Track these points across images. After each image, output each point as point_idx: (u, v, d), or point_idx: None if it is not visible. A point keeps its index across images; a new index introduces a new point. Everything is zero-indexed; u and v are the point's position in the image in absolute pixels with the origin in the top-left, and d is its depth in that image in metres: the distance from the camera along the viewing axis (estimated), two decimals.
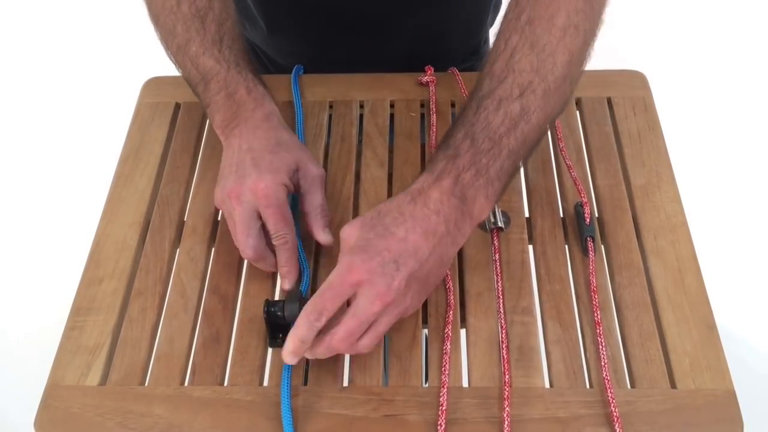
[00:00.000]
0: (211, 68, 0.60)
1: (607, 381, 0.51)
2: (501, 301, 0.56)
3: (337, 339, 0.46)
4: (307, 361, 0.53)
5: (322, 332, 0.47)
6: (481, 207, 0.49)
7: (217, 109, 0.60)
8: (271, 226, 0.55)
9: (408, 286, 0.47)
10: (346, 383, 0.52)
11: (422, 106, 0.72)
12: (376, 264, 0.46)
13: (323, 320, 0.46)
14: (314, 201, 0.58)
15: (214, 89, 0.60)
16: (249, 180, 0.55)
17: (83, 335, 0.56)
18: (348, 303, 0.48)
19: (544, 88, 0.50)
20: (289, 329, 0.53)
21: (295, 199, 0.61)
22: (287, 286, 0.56)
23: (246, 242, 0.55)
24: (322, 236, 0.57)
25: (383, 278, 0.46)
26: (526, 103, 0.50)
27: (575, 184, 0.63)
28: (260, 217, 0.55)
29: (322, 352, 0.48)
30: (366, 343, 0.47)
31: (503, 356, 0.53)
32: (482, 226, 0.61)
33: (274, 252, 0.57)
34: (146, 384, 0.53)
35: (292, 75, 0.73)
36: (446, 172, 0.49)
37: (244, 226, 0.55)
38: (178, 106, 0.73)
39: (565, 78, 0.51)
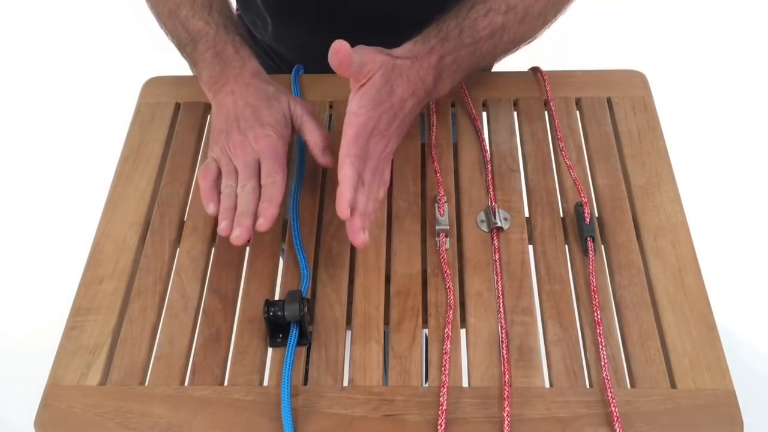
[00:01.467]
0: (200, 29, 0.65)
1: (607, 381, 0.51)
2: (501, 301, 0.56)
3: (368, 179, 0.54)
4: (307, 360, 0.53)
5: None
6: (445, 88, 0.61)
7: (204, 66, 0.64)
8: (266, 168, 0.59)
9: (397, 130, 0.57)
10: (346, 383, 0.52)
11: None
12: (383, 115, 0.55)
13: (362, 162, 0.54)
14: (310, 129, 0.63)
15: (202, 48, 0.65)
16: (252, 132, 0.60)
17: (83, 335, 0.56)
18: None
19: (523, 15, 0.61)
20: (289, 329, 0.53)
21: (296, 198, 0.62)
22: (262, 226, 0.56)
23: (247, 183, 0.58)
24: (322, 158, 0.62)
25: (386, 125, 0.56)
26: (506, 21, 0.60)
27: (575, 184, 0.63)
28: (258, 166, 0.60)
29: (363, 199, 0.53)
30: (374, 183, 0.55)
31: (503, 356, 0.53)
32: (482, 226, 0.61)
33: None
34: (146, 384, 0.53)
35: (292, 75, 0.73)
36: (436, 50, 0.58)
37: (248, 167, 0.59)
38: (178, 106, 0.73)
39: (539, 15, 0.62)
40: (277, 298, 0.58)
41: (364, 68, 0.55)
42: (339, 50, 0.51)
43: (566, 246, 0.60)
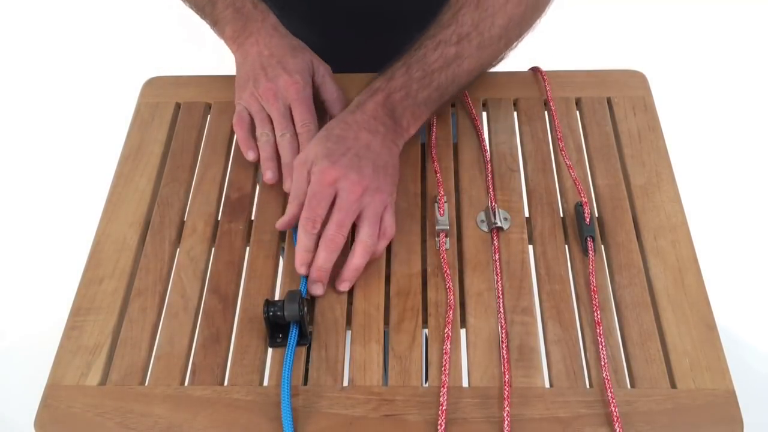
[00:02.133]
0: None
1: (607, 381, 0.51)
2: (501, 301, 0.56)
3: (330, 232, 0.55)
4: (307, 360, 0.53)
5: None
6: (408, 122, 0.60)
7: (227, 23, 0.67)
8: (298, 116, 0.63)
9: (375, 172, 0.57)
10: (346, 383, 0.52)
11: None
12: (344, 161, 0.56)
13: (318, 226, 0.55)
14: (330, 90, 0.67)
15: (221, 7, 0.67)
16: (281, 79, 0.63)
17: (83, 335, 0.56)
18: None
19: (479, 41, 0.60)
20: (289, 329, 0.53)
21: None
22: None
23: (285, 131, 0.63)
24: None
25: (353, 169, 0.55)
26: (461, 50, 0.60)
27: (575, 184, 0.63)
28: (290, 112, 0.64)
29: (324, 256, 0.55)
30: (367, 232, 0.56)
31: (503, 356, 0.53)
32: (482, 226, 0.61)
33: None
34: (146, 384, 0.53)
35: None
36: (380, 89, 0.59)
37: (282, 116, 0.63)
38: (178, 106, 0.73)
39: (500, 38, 0.61)
40: (277, 298, 0.58)
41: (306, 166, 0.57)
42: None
43: (566, 246, 0.60)
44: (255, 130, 0.65)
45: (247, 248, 0.61)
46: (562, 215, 0.62)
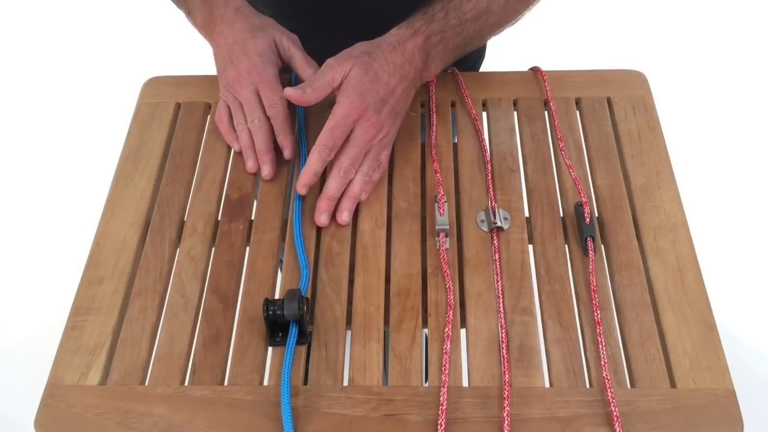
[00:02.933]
0: None
1: (607, 381, 0.51)
2: (501, 301, 0.56)
3: (345, 164, 0.59)
4: (307, 360, 0.53)
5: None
6: (436, 68, 0.64)
7: (197, 13, 0.69)
8: (264, 98, 0.64)
9: (390, 118, 0.61)
10: (346, 383, 0.52)
11: (422, 106, 0.72)
12: (371, 101, 0.58)
13: (333, 154, 0.59)
14: (298, 60, 0.67)
15: None
16: (243, 65, 0.64)
17: (83, 335, 0.56)
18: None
19: (505, 1, 0.65)
20: (289, 328, 0.53)
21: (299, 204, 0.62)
22: (288, 155, 0.65)
23: (254, 115, 0.64)
24: (309, 71, 0.66)
25: (376, 112, 0.59)
26: (491, 5, 0.64)
27: (575, 184, 0.63)
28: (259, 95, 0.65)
29: (335, 186, 0.60)
30: (368, 165, 0.61)
31: (503, 356, 0.53)
32: (482, 226, 0.61)
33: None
34: (146, 384, 0.53)
35: (293, 74, 0.73)
36: (420, 31, 0.61)
37: (250, 102, 0.65)
38: (178, 106, 0.73)
39: (521, 0, 0.66)
40: (277, 297, 0.58)
41: (333, 82, 0.59)
42: (291, 96, 0.60)
43: (566, 246, 0.60)
44: None
45: (247, 248, 0.61)
46: (562, 215, 0.62)
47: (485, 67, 0.92)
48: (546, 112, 0.71)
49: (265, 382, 0.53)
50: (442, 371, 0.52)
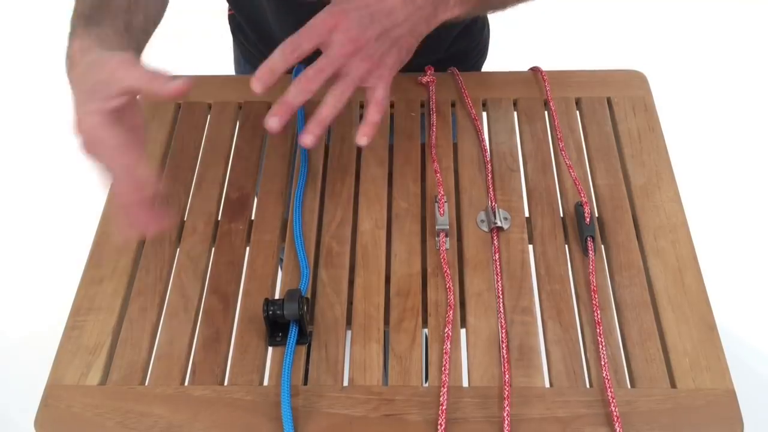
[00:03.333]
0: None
1: (607, 381, 0.51)
2: (501, 300, 0.56)
3: (308, 75, 0.49)
4: (307, 360, 0.54)
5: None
6: (454, 3, 0.54)
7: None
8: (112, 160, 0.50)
9: (379, 41, 0.51)
10: (346, 383, 0.52)
11: (422, 106, 0.72)
12: (354, 13, 0.50)
13: (296, 54, 0.49)
14: (139, 77, 0.49)
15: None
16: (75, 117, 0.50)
17: (83, 335, 0.56)
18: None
19: None
20: (289, 328, 0.53)
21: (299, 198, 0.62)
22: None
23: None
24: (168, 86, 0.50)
25: (358, 26, 0.50)
26: None
27: (575, 184, 0.63)
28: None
29: (293, 92, 0.50)
30: (340, 89, 0.51)
31: (503, 356, 0.53)
32: (482, 226, 0.61)
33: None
34: (146, 384, 0.53)
35: (293, 75, 0.73)
36: None
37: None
38: (178, 106, 0.73)
39: None
40: (276, 297, 0.58)
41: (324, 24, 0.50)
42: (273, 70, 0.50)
43: (566, 246, 0.60)
44: None
45: (247, 248, 0.61)
46: (562, 215, 0.62)
47: (486, 67, 0.92)
48: (546, 112, 0.71)
49: (265, 382, 0.53)
50: (442, 371, 0.52)
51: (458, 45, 0.84)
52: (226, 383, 0.53)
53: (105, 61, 0.50)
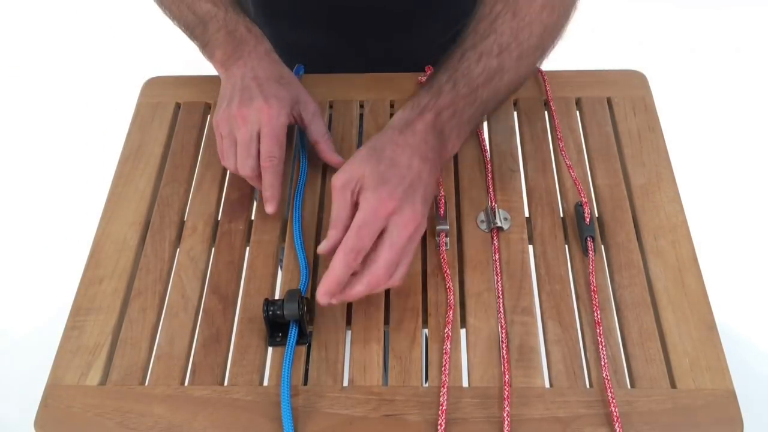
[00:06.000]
0: (208, 11, 0.65)
1: (607, 381, 0.51)
2: (501, 301, 0.56)
3: (380, 272, 0.48)
4: (307, 360, 0.53)
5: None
6: (453, 145, 0.56)
7: (218, 46, 0.63)
8: (264, 147, 0.59)
9: (424, 206, 0.52)
10: (346, 383, 0.52)
11: None
12: (400, 192, 0.50)
13: (360, 259, 0.49)
14: (319, 130, 0.64)
15: (213, 29, 0.64)
16: (256, 103, 0.59)
17: (83, 335, 0.56)
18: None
19: (519, 52, 0.57)
20: (289, 328, 0.53)
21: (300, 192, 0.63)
22: (270, 210, 0.60)
23: (245, 161, 0.59)
24: (334, 158, 0.64)
25: (409, 203, 0.50)
26: (502, 62, 0.56)
27: (575, 184, 0.63)
28: (259, 140, 0.59)
29: (360, 290, 0.49)
30: (402, 272, 0.50)
31: (503, 356, 0.53)
32: (482, 226, 0.61)
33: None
34: (146, 384, 0.53)
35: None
36: (429, 108, 0.54)
37: (246, 145, 0.59)
38: (178, 106, 0.73)
39: (537, 48, 0.58)
40: (276, 297, 0.58)
41: (348, 204, 0.51)
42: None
43: (566, 246, 0.60)
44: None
45: (247, 248, 0.61)
46: (562, 215, 0.62)
47: None
48: (546, 112, 0.71)
49: (265, 382, 0.53)
50: (442, 371, 0.52)
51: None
52: (226, 383, 0.53)
53: (289, 79, 0.63)
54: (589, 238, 0.59)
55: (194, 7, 0.65)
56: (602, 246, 0.60)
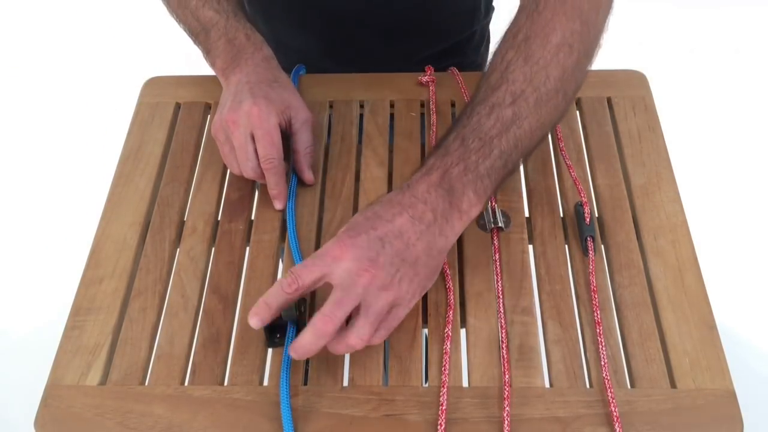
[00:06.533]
0: (210, 18, 0.65)
1: (607, 381, 0.51)
2: (501, 301, 0.56)
3: (324, 314, 0.46)
4: (307, 360, 0.53)
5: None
6: (469, 201, 0.50)
7: (218, 54, 0.65)
8: (260, 150, 0.60)
9: (394, 266, 0.47)
10: (346, 383, 0.52)
11: (422, 106, 0.72)
12: (363, 239, 0.47)
13: (294, 288, 0.47)
14: (304, 141, 0.63)
15: (214, 36, 0.65)
16: (245, 106, 0.59)
17: (83, 335, 0.56)
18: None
19: (536, 97, 0.52)
20: (287, 329, 0.53)
21: (293, 184, 0.63)
22: (279, 207, 0.62)
23: (246, 164, 0.60)
24: (307, 174, 0.63)
25: (368, 252, 0.47)
26: (518, 110, 0.52)
27: (575, 184, 0.63)
28: (254, 141, 0.60)
29: (311, 338, 0.47)
30: (359, 331, 0.47)
31: (503, 356, 0.53)
32: (482, 226, 0.61)
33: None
34: (146, 384, 0.53)
35: (292, 75, 0.73)
36: (435, 167, 0.51)
37: (243, 149, 0.60)
38: (178, 106, 0.73)
39: (557, 91, 0.53)
40: None
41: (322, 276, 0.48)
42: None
43: (566, 246, 0.60)
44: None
45: (247, 248, 0.61)
46: (562, 215, 0.62)
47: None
48: None
49: (265, 383, 0.53)
50: (442, 371, 0.52)
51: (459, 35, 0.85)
52: (226, 383, 0.53)
53: (285, 84, 0.63)
54: (589, 238, 0.59)
55: (197, 14, 0.66)
56: (602, 246, 0.60)
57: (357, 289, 0.46)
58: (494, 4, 0.88)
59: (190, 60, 0.82)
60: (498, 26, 0.70)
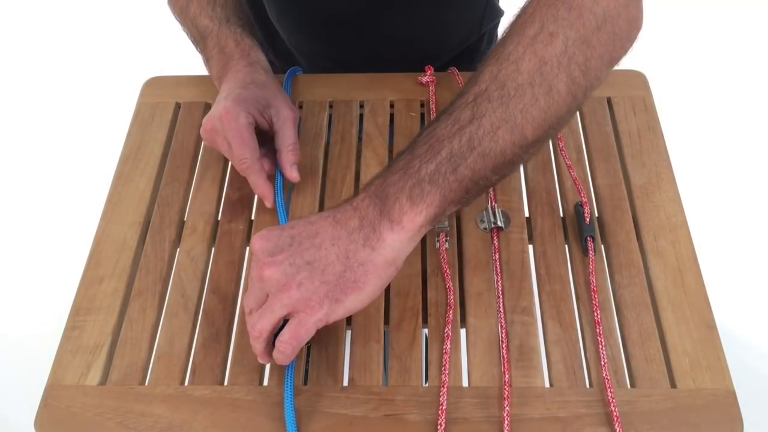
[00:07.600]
0: (206, 26, 0.67)
1: (607, 381, 0.51)
2: (501, 301, 0.56)
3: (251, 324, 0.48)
4: (307, 360, 0.54)
5: None
6: (401, 209, 0.45)
7: (213, 64, 0.67)
8: (234, 152, 0.60)
9: (294, 267, 0.46)
10: (346, 383, 0.52)
11: (422, 106, 0.72)
12: (274, 235, 0.48)
13: (259, 337, 0.48)
14: (286, 139, 0.62)
15: (210, 45, 0.67)
16: (215, 111, 0.61)
17: (83, 335, 0.56)
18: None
19: (500, 93, 0.47)
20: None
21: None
22: (268, 205, 0.62)
23: (237, 167, 0.61)
24: (289, 172, 0.62)
25: (273, 248, 0.47)
26: (477, 109, 0.47)
27: (575, 184, 0.63)
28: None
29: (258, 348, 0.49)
30: (251, 319, 0.48)
31: (503, 356, 0.53)
32: (482, 226, 0.61)
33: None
34: (146, 384, 0.53)
35: (286, 76, 0.73)
36: (378, 176, 0.48)
37: (227, 153, 0.61)
38: (178, 106, 0.74)
39: (532, 84, 0.47)
40: None
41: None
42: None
43: (566, 246, 0.60)
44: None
45: (247, 248, 0.61)
46: (562, 215, 0.62)
47: None
48: None
49: (265, 382, 0.53)
50: (442, 371, 0.52)
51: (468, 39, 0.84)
52: (226, 383, 0.53)
53: (263, 84, 0.63)
54: (589, 238, 0.59)
55: (196, 22, 0.68)
56: (602, 246, 0.60)
57: (258, 283, 0.47)
58: (503, 7, 0.88)
59: (190, 60, 0.82)
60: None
